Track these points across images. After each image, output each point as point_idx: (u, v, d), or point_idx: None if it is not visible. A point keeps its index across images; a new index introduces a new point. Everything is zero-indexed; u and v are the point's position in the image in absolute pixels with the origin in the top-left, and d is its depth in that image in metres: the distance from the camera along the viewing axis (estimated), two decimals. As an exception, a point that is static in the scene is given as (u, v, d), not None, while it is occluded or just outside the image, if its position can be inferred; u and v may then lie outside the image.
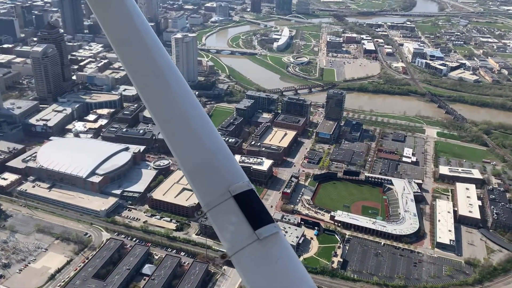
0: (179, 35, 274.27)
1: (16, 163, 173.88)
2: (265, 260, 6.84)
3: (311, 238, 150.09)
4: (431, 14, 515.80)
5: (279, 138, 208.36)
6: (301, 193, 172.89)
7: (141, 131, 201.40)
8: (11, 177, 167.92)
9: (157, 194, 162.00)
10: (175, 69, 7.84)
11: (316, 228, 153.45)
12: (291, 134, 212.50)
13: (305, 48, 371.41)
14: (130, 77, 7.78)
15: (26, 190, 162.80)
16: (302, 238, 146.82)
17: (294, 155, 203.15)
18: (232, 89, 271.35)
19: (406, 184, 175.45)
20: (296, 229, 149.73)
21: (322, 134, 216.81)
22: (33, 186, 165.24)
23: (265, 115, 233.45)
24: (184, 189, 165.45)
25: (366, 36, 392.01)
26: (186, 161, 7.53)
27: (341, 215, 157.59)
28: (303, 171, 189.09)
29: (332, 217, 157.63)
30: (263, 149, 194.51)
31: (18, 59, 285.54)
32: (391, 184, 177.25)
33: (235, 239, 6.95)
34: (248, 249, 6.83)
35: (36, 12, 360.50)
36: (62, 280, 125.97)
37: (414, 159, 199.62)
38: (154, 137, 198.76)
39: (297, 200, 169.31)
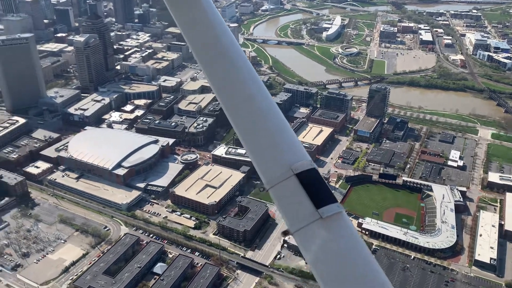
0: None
1: (49, 152, 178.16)
2: (327, 239, 6.81)
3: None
4: (502, 1, 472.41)
5: (314, 135, 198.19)
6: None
7: (173, 124, 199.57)
8: (43, 165, 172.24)
9: (180, 189, 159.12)
10: (239, 49, 8.09)
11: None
12: (327, 131, 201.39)
13: (356, 38, 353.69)
14: (189, 45, 8.15)
15: (55, 179, 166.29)
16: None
17: (328, 153, 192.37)
18: (273, 81, 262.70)
19: (447, 192, 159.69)
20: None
21: (361, 132, 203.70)
22: (63, 176, 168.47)
23: (302, 109, 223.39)
24: (207, 185, 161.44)
25: (424, 26, 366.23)
26: (248, 139, 7.67)
27: (369, 223, 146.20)
28: (336, 171, 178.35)
29: (359, 224, 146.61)
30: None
31: (70, 48, 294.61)
32: (431, 190, 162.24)
33: (297, 216, 6.99)
34: (310, 227, 6.84)
35: (90, 1, 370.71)
36: (75, 274, 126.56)
37: (461, 163, 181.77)
38: (185, 130, 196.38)
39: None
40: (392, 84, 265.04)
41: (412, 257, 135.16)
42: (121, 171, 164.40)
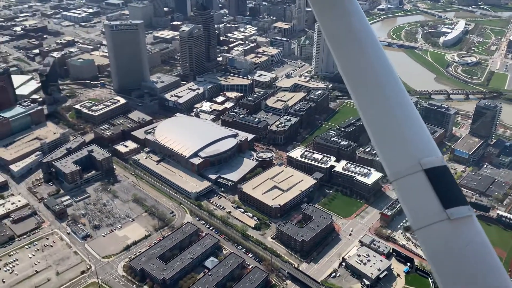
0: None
1: (139, 133, 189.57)
2: (453, 241, 6.60)
3: (398, 275, 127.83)
4: None
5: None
6: (406, 219, 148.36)
7: (256, 120, 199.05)
8: (131, 145, 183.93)
9: (248, 186, 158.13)
10: (372, 34, 8.06)
11: (408, 264, 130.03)
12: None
13: (479, 46, 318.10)
14: (321, 25, 8.27)
15: (139, 159, 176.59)
16: (385, 272, 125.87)
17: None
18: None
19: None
20: (381, 260, 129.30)
21: (459, 152, 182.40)
22: (146, 158, 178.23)
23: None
24: (275, 187, 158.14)
25: None
26: (375, 127, 7.56)
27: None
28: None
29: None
30: (378, 158, 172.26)
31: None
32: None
33: (422, 214, 6.81)
34: (435, 227, 6.65)
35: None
36: (134, 253, 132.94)
37: None
38: (267, 127, 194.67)
39: (398, 226, 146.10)
40: (510, 101, 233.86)
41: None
42: (196, 160, 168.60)
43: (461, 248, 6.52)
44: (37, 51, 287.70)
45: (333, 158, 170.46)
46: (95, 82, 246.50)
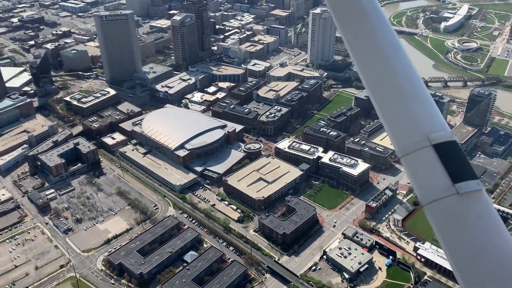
0: (318, 10, 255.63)
1: (127, 125, 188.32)
2: (463, 216, 6.64)
3: (379, 269, 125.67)
4: None
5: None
6: (392, 211, 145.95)
7: (246, 110, 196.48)
8: (119, 137, 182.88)
9: (233, 179, 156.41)
10: (379, 10, 7.89)
11: (390, 257, 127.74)
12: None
13: (481, 31, 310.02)
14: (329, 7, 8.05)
15: (125, 152, 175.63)
16: (366, 266, 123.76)
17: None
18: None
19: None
20: (362, 254, 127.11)
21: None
22: (132, 150, 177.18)
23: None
24: (260, 179, 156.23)
25: None
26: (383, 102, 7.55)
27: (428, 249, 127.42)
28: (409, 183, 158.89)
29: (415, 249, 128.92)
30: (366, 149, 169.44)
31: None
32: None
33: (431, 189, 6.84)
34: (444, 202, 6.70)
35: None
36: (114, 247, 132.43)
37: None
38: (257, 118, 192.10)
39: (384, 218, 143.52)
40: (511, 89, 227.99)
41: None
42: (182, 153, 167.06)
43: (470, 222, 6.54)
44: (32, 42, 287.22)
45: (320, 149, 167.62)
46: (88, 74, 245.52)
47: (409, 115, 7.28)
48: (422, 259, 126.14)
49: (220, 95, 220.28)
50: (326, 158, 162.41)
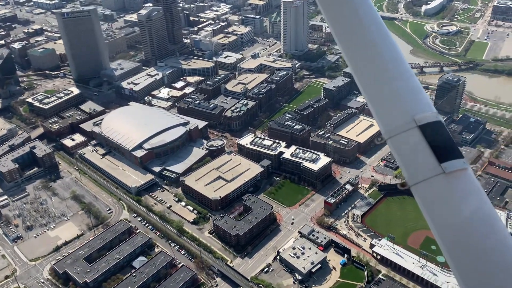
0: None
1: (87, 126, 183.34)
2: (449, 195, 6.66)
3: (333, 268, 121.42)
4: None
5: (360, 130, 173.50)
6: (352, 206, 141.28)
7: (211, 106, 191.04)
8: (79, 139, 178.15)
9: (190, 179, 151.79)
10: None
11: (345, 256, 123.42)
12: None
13: (463, 13, 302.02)
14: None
15: (84, 153, 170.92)
16: (318, 266, 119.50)
17: (372, 154, 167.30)
18: (341, 62, 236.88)
19: (504, 218, 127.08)
20: (316, 253, 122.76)
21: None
22: (92, 151, 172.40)
23: (360, 99, 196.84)
24: (219, 177, 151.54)
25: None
26: (367, 84, 7.46)
27: (384, 246, 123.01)
28: (372, 176, 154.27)
29: (371, 246, 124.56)
30: (330, 142, 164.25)
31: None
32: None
33: (417, 169, 6.84)
34: (431, 182, 6.71)
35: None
36: (63, 254, 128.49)
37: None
38: (222, 113, 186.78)
39: (343, 214, 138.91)
40: (487, 73, 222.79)
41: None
42: (139, 153, 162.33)
43: (457, 201, 6.56)
44: (3, 42, 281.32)
45: (283, 144, 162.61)
46: (55, 72, 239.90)
47: (394, 96, 7.20)
48: (378, 257, 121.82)
49: (188, 90, 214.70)
50: (288, 153, 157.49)
